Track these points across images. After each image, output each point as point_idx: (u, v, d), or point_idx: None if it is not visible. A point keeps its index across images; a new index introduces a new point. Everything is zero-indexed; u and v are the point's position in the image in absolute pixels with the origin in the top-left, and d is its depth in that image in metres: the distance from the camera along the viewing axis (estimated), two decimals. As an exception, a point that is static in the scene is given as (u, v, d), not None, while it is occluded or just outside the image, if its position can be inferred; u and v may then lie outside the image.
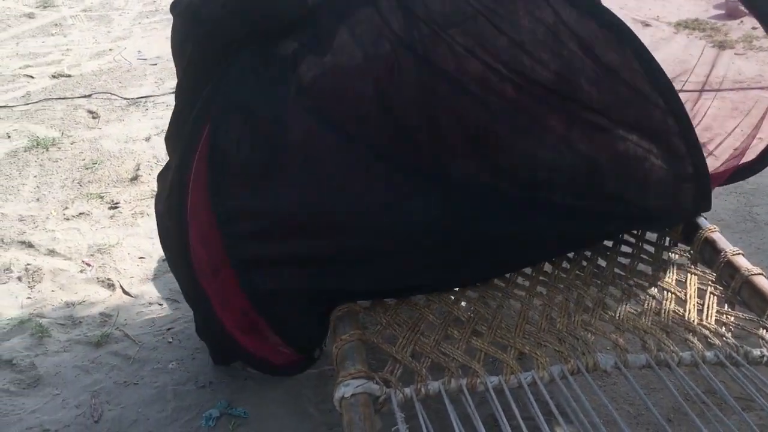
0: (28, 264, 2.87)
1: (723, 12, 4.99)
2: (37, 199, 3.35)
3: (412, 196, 1.97)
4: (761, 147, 2.29)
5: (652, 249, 2.27)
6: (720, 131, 2.58)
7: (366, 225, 1.95)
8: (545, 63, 1.98)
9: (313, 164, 1.92)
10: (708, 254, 2.15)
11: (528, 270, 2.18)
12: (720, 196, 3.13)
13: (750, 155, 2.35)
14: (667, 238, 2.29)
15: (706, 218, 2.26)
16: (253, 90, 1.88)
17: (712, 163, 2.41)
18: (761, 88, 2.29)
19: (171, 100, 3.90)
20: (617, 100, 2.04)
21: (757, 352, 1.81)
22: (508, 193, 2.05)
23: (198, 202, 1.94)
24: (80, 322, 2.56)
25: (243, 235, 1.93)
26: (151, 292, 2.71)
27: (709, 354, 1.80)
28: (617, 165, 2.10)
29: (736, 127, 2.38)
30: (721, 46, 4.23)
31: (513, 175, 2.05)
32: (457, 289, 2.10)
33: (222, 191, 1.90)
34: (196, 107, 1.93)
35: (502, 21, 1.94)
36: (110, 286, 2.75)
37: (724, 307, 1.99)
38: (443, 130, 1.99)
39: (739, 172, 2.38)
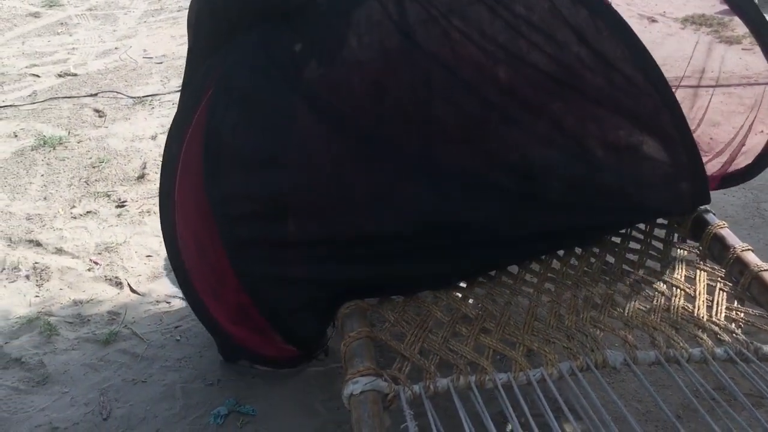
0: (36, 263, 2.88)
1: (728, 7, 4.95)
2: (45, 198, 3.36)
3: (405, 185, 1.99)
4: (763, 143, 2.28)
5: (660, 245, 2.26)
6: (728, 127, 2.57)
7: (358, 212, 1.97)
8: (541, 46, 2.00)
9: (309, 152, 1.94)
10: (717, 250, 2.14)
11: (536, 267, 2.18)
12: (728, 192, 3.12)
13: (748, 158, 2.34)
14: (676, 235, 2.28)
15: (714, 214, 2.25)
16: (254, 79, 1.89)
17: (720, 160, 2.40)
18: (765, 84, 2.28)
19: (177, 98, 3.90)
20: (611, 87, 2.06)
21: (767, 348, 1.80)
22: (502, 183, 2.05)
23: (185, 187, 1.95)
24: (88, 320, 2.56)
25: (237, 217, 1.93)
26: (158, 290, 2.71)
27: (718, 350, 1.79)
28: (611, 154, 2.11)
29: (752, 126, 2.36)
30: (728, 41, 4.21)
31: (506, 164, 2.07)
32: (464, 285, 2.10)
33: (217, 174, 1.92)
34: (186, 93, 1.95)
35: (497, 5, 1.96)
36: (118, 284, 2.76)
37: (733, 304, 1.98)
38: (437, 118, 2.01)
39: (732, 177, 2.37)
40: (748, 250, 2.07)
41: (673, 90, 2.41)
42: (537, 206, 2.07)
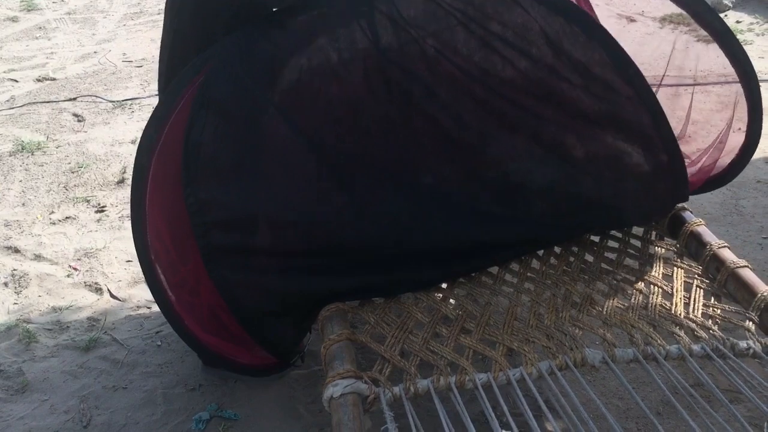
0: (15, 269, 2.85)
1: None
2: (23, 204, 3.33)
3: (382, 200, 1.99)
4: (741, 142, 2.30)
5: (638, 243, 2.28)
6: (707, 125, 2.59)
7: (334, 225, 1.98)
8: (515, 63, 2.01)
9: (285, 165, 1.94)
10: (694, 248, 2.15)
11: (515, 266, 2.19)
12: (706, 189, 3.15)
13: (729, 158, 2.36)
14: (654, 232, 2.29)
15: (692, 212, 2.26)
16: (232, 91, 1.90)
17: (700, 157, 2.42)
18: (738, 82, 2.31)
19: (156, 102, 3.89)
20: (589, 97, 2.06)
21: (743, 344, 1.82)
22: (482, 200, 2.06)
23: (157, 196, 1.95)
24: (68, 326, 2.54)
25: (213, 224, 1.93)
26: (138, 295, 2.69)
27: (696, 347, 1.80)
28: (591, 166, 2.11)
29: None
30: (706, 40, 4.25)
31: (485, 181, 2.07)
32: (444, 286, 2.10)
33: (195, 181, 1.91)
34: (161, 100, 1.96)
35: (472, 22, 1.97)
36: (98, 290, 2.74)
37: (710, 300, 2.00)
38: (416, 134, 2.01)
39: (711, 182, 2.39)
40: (725, 247, 2.09)
41: (653, 89, 2.43)
42: (517, 223, 2.08)
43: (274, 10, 2.00)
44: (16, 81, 4.90)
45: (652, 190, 2.17)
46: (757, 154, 3.32)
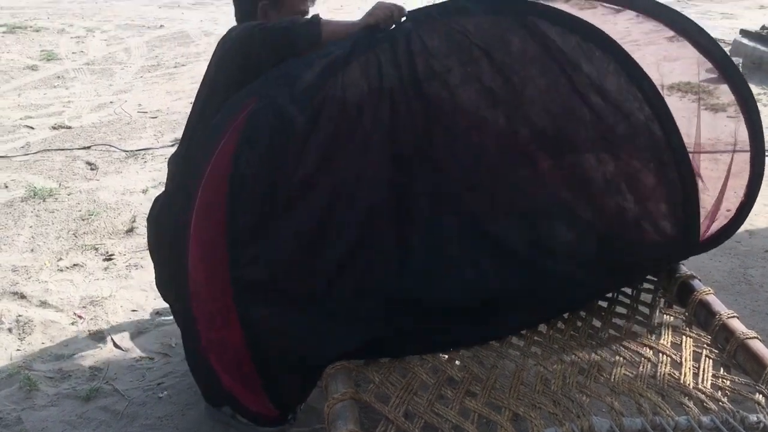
0: (20, 315, 2.85)
1: (714, 75, 5.08)
2: (32, 250, 3.35)
3: (405, 235, 2.03)
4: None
5: (647, 310, 2.26)
6: (714, 192, 2.60)
7: (349, 290, 2.00)
8: (536, 80, 2.09)
9: (306, 215, 1.98)
10: (703, 317, 2.14)
11: (522, 330, 2.17)
12: (715, 257, 3.14)
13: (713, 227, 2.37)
14: (662, 300, 2.28)
15: (700, 280, 2.25)
16: (276, 132, 1.96)
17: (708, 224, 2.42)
18: (746, 151, 2.34)
19: (169, 152, 3.94)
20: (605, 114, 2.12)
21: (753, 417, 1.79)
22: (499, 228, 2.10)
23: (198, 226, 1.96)
24: (69, 375, 2.52)
25: (247, 257, 1.95)
26: (142, 345, 2.68)
27: (705, 419, 1.77)
28: (612, 186, 2.16)
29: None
30: (713, 108, 4.30)
31: (506, 213, 2.12)
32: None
33: (236, 214, 1.95)
34: (203, 137, 2.03)
35: (494, 49, 2.05)
36: (101, 339, 2.72)
37: (719, 371, 1.97)
38: (440, 163, 2.07)
39: (714, 239, 2.40)
40: (734, 317, 2.07)
41: None
42: (535, 253, 2.12)
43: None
44: (32, 128, 4.98)
45: (667, 244, 2.21)
46: (764, 223, 3.34)
